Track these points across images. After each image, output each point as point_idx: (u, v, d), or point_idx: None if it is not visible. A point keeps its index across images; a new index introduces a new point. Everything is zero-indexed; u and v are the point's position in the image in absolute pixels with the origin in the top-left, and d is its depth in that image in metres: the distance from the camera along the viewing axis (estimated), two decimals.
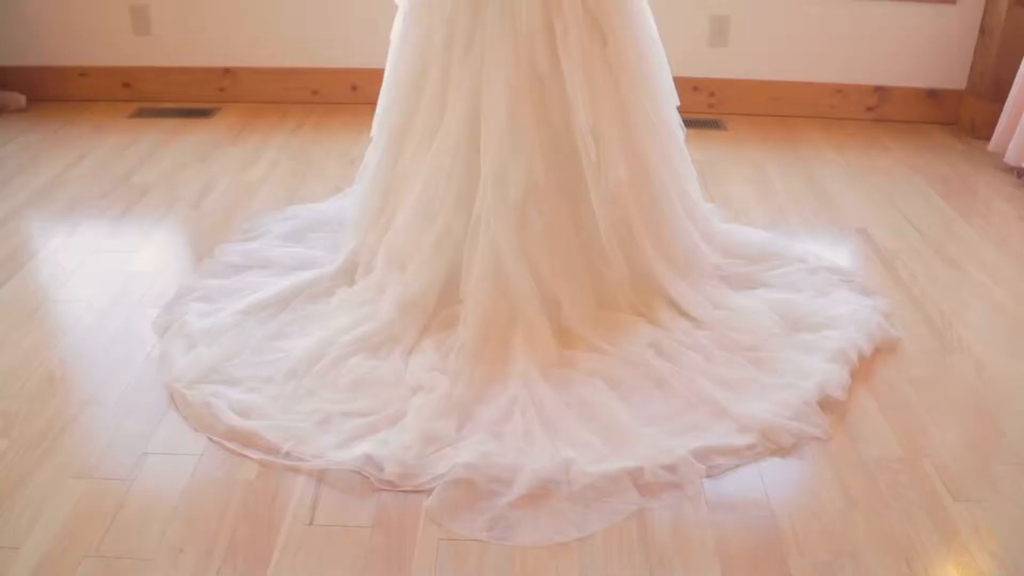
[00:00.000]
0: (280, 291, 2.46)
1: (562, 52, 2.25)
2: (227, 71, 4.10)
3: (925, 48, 4.01)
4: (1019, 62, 3.57)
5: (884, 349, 2.38)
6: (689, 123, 2.73)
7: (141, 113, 4.03)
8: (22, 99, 4.09)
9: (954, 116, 4.10)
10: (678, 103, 2.57)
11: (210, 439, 2.01)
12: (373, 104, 2.55)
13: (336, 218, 2.84)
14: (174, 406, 2.12)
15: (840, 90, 4.07)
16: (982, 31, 3.96)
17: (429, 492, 1.85)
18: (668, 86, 2.53)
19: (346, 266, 2.52)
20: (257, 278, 2.57)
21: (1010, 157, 3.44)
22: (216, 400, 2.07)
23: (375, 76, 2.64)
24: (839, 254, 2.88)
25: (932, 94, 4.08)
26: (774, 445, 2.00)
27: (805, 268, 2.65)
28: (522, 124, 2.26)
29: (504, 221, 2.28)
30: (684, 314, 2.40)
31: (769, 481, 1.92)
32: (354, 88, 4.08)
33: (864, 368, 2.29)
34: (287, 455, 1.94)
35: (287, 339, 2.31)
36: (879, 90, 4.07)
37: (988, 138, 3.74)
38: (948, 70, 4.06)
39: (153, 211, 3.12)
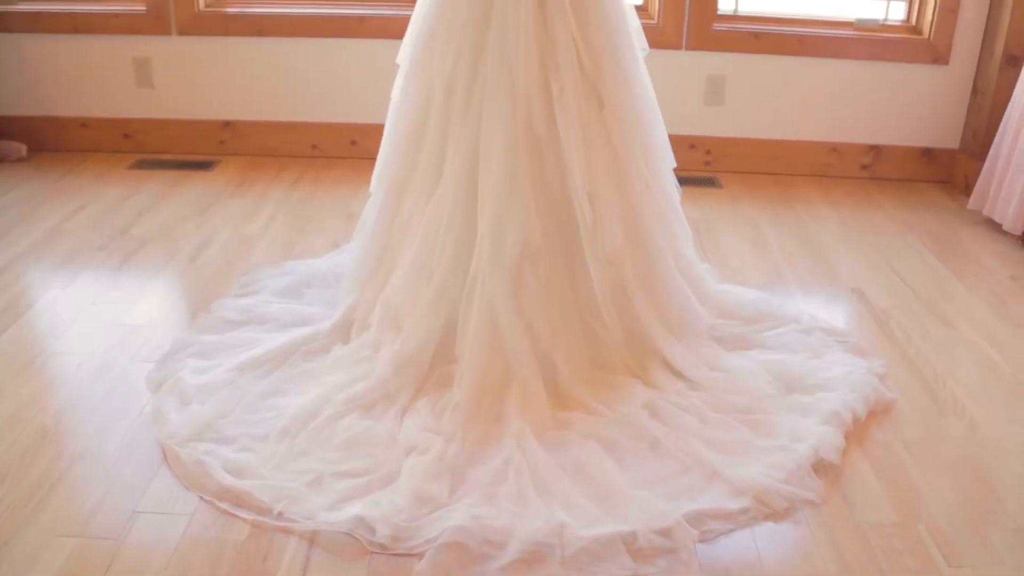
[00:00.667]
0: (276, 348, 2.46)
1: (559, 113, 2.27)
2: (227, 124, 4.14)
3: (919, 108, 4.06)
4: None
5: (879, 411, 2.38)
6: (685, 181, 2.75)
7: (141, 164, 4.05)
8: (23, 149, 4.12)
9: (948, 174, 4.13)
10: (674, 164, 2.60)
11: (201, 498, 2.00)
12: (372, 159, 2.57)
13: (333, 273, 2.85)
14: (166, 464, 2.11)
15: (835, 148, 4.11)
16: (974, 91, 4.01)
17: (421, 555, 1.84)
18: (664, 147, 2.55)
19: (342, 322, 2.53)
20: (253, 334, 2.57)
21: (1010, 225, 3.46)
22: (209, 459, 2.06)
23: (374, 131, 2.67)
24: (834, 313, 2.90)
25: (926, 153, 4.12)
26: (768, 509, 2.00)
27: (800, 329, 2.66)
28: (519, 184, 2.28)
29: (500, 281, 2.29)
30: (679, 375, 2.40)
31: (763, 545, 1.91)
32: (353, 143, 4.12)
33: (859, 430, 2.29)
34: (279, 516, 1.93)
35: (282, 396, 2.31)
36: (874, 149, 4.11)
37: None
38: (942, 129, 4.10)
39: (151, 264, 3.13)
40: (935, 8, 3.91)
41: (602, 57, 2.32)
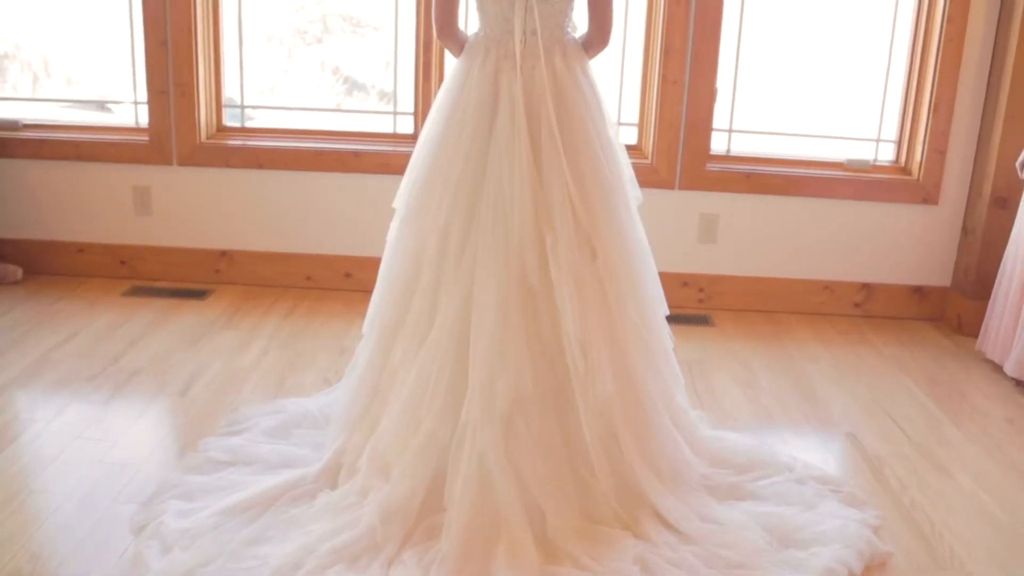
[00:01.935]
0: (262, 492, 2.41)
1: (552, 264, 2.29)
2: (223, 253, 4.17)
3: (910, 246, 4.11)
4: (1000, 260, 3.65)
5: (874, 566, 2.33)
6: (678, 318, 2.76)
7: (136, 291, 4.07)
8: (19, 272, 4.14)
9: (940, 312, 4.15)
10: (667, 312, 2.61)
11: None
12: (366, 291, 2.58)
13: (323, 413, 2.83)
14: None
15: (828, 287, 4.14)
16: (964, 230, 4.06)
17: None
18: (657, 296, 2.57)
19: (330, 466, 2.49)
20: (240, 476, 2.53)
21: (1012, 370, 3.44)
22: None
23: (369, 264, 2.69)
24: (827, 460, 2.87)
25: (918, 291, 4.15)
26: None
27: (793, 478, 2.63)
28: (511, 334, 2.29)
29: (491, 430, 2.27)
30: (670, 527, 2.36)
31: None
32: (348, 275, 4.14)
33: None
34: None
35: (266, 544, 2.26)
36: (866, 287, 4.14)
37: (974, 335, 3.80)
38: (933, 268, 4.14)
39: (140, 397, 3.10)
40: (924, 150, 3.99)
41: (596, 209, 2.35)
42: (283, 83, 4.41)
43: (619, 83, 4.04)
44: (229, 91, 4.20)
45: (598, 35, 2.50)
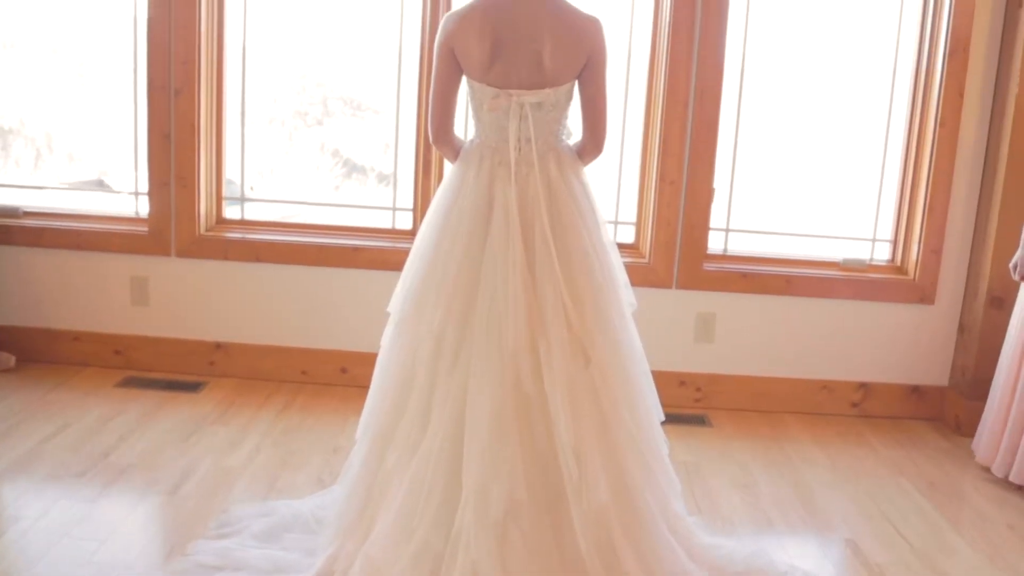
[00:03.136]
0: None
1: (546, 371, 2.29)
2: (219, 345, 4.16)
3: (907, 346, 4.10)
4: (997, 360, 3.64)
5: None
6: (675, 419, 2.74)
7: (129, 382, 4.04)
8: (11, 359, 4.11)
9: (938, 412, 4.13)
10: (663, 418, 2.59)
11: None
12: (362, 387, 2.56)
13: (315, 517, 2.78)
14: None
15: (825, 386, 4.12)
16: (961, 330, 4.07)
17: None
18: (652, 401, 2.56)
19: (322, 574, 2.44)
20: None
21: (1015, 476, 3.41)
22: None
23: (365, 359, 2.68)
24: (826, 568, 2.82)
25: (915, 390, 4.13)
26: None
27: None
28: (505, 441, 2.27)
29: (484, 538, 2.24)
30: None
31: None
32: (343, 370, 4.12)
33: None
34: None
35: None
36: (863, 386, 4.12)
37: (972, 435, 3.77)
38: (930, 367, 4.14)
39: (129, 495, 3.05)
40: (919, 249, 4.01)
41: (590, 316, 2.36)
42: (283, 164, 4.45)
43: (617, 182, 4.08)
44: (230, 173, 4.23)
45: (592, 143, 2.54)
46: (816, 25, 4.08)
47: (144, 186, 4.11)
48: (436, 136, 2.53)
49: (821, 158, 4.22)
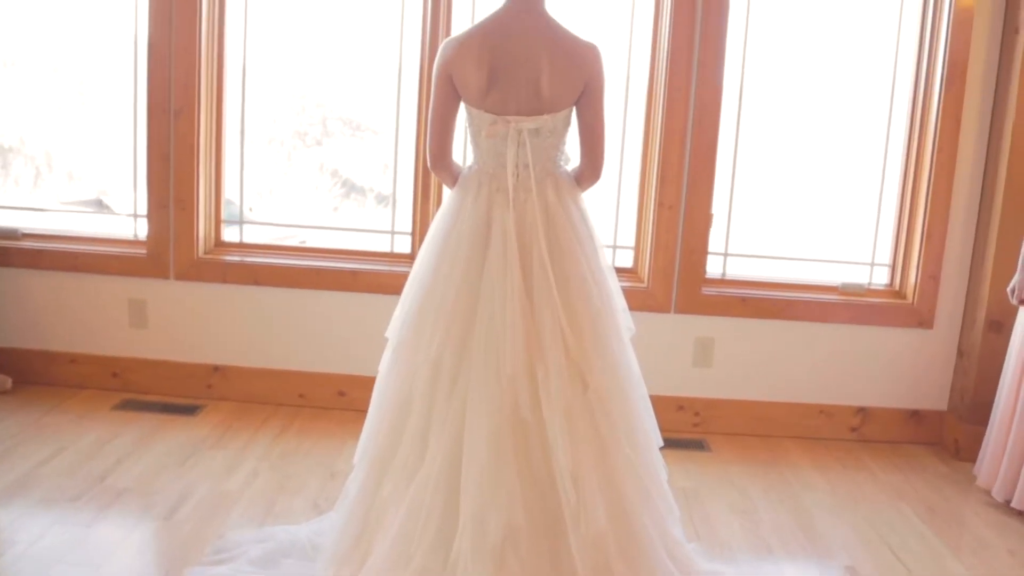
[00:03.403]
0: None
1: (544, 396, 2.29)
2: (216, 368, 4.15)
3: (906, 370, 4.10)
4: (996, 384, 3.64)
5: None
6: (674, 443, 2.73)
7: (126, 405, 4.02)
8: (8, 382, 4.10)
9: (937, 436, 4.12)
10: (661, 443, 2.58)
11: None
12: (359, 411, 2.56)
13: (312, 543, 2.75)
14: None
15: (824, 411, 4.11)
16: (960, 354, 4.06)
17: None
18: (650, 426, 2.55)
19: None
20: None
21: (1017, 502, 3.39)
22: None
23: (363, 382, 2.67)
24: None
25: (914, 415, 4.12)
26: None
27: None
28: (503, 467, 2.27)
29: (482, 564, 2.23)
30: None
31: None
32: (341, 394, 4.11)
33: None
34: None
35: None
36: (862, 411, 4.12)
37: (972, 460, 3.76)
38: (929, 391, 4.13)
39: (124, 520, 3.03)
40: (918, 274, 4.01)
41: (588, 341, 2.35)
42: (283, 185, 4.46)
43: (615, 206, 4.08)
44: (229, 193, 4.23)
45: (590, 169, 2.54)
46: (814, 51, 4.10)
47: (143, 208, 4.11)
48: (434, 162, 2.54)
49: (820, 182, 4.23)
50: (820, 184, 4.23)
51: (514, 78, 2.40)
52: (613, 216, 4.08)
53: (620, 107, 4.02)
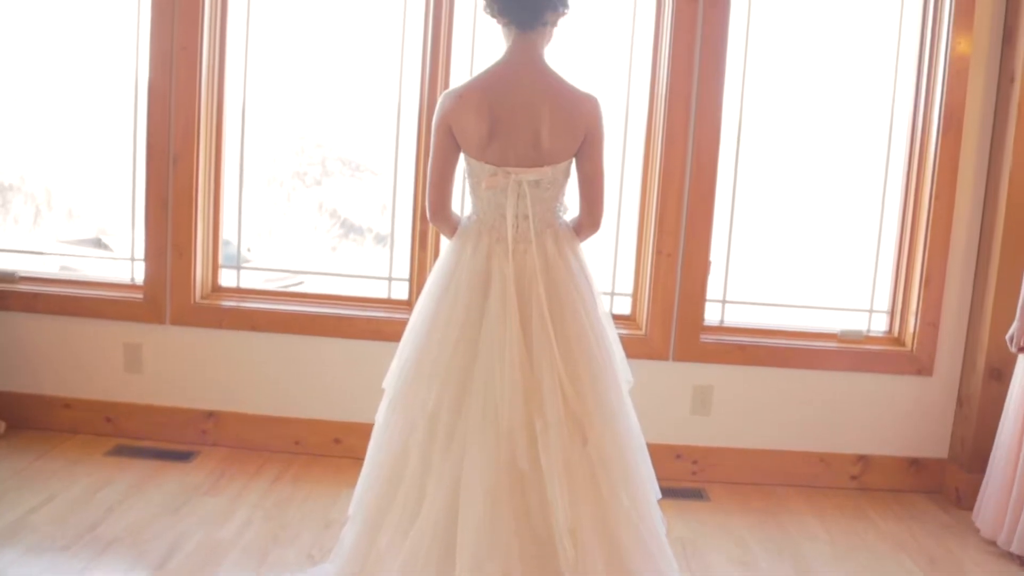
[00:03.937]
0: None
1: (542, 450, 2.27)
2: (211, 414, 4.11)
3: (905, 418, 4.08)
4: (996, 432, 3.62)
5: None
6: (671, 492, 2.70)
7: (119, 451, 3.98)
8: (2, 425, 4.07)
9: (938, 485, 4.09)
10: (659, 496, 2.55)
11: None
12: (355, 458, 2.53)
13: None
14: None
15: (823, 459, 4.08)
16: (959, 402, 4.04)
17: None
18: (649, 480, 2.52)
19: None
20: None
21: (1016, 547, 3.37)
22: None
23: (359, 429, 2.65)
24: None
25: (914, 463, 4.09)
26: None
27: None
28: (500, 519, 2.24)
29: None
30: None
31: None
32: (337, 441, 4.07)
33: None
34: None
35: None
36: (862, 459, 4.09)
37: (972, 508, 3.72)
38: (929, 439, 4.10)
39: (115, 570, 2.98)
40: (916, 321, 4.00)
41: (587, 393, 2.34)
42: (282, 225, 4.45)
43: (613, 253, 4.07)
44: (227, 234, 4.22)
45: (589, 220, 2.54)
46: (812, 97, 4.12)
47: (141, 251, 4.10)
48: (434, 213, 2.53)
49: (818, 229, 4.23)
50: (818, 231, 4.23)
51: (514, 130, 2.40)
52: (611, 263, 4.07)
53: (618, 154, 4.03)
